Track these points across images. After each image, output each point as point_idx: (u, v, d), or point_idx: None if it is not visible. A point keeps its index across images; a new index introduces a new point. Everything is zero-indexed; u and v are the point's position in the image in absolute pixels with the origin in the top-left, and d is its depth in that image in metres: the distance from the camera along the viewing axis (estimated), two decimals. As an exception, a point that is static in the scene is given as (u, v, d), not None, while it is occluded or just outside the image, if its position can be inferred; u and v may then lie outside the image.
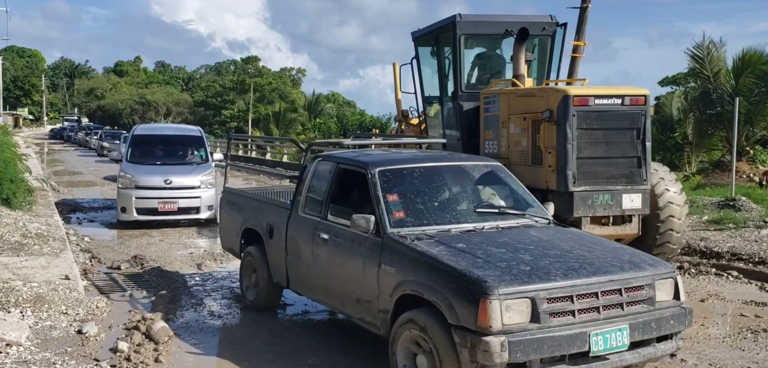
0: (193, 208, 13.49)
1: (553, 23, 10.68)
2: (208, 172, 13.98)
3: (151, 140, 15.42)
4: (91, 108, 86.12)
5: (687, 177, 21.79)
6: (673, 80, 52.66)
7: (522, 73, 9.94)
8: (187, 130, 16.99)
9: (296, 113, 63.44)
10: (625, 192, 8.67)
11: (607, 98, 8.71)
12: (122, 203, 13.29)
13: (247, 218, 7.80)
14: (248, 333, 6.89)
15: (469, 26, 10.48)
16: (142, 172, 13.61)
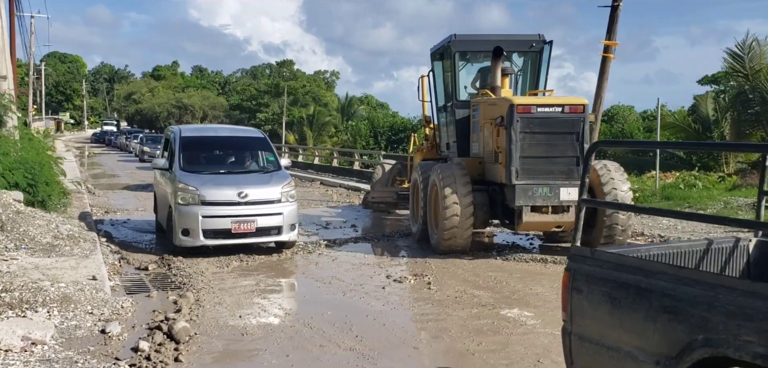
0: (274, 227, 10.77)
1: (541, 41, 12.36)
2: (287, 182, 11.31)
3: (205, 142, 12.64)
4: (130, 112, 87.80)
5: (722, 178, 21.31)
6: (712, 79, 51.45)
7: (497, 85, 11.70)
8: (246, 131, 14.50)
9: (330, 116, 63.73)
10: (563, 186, 10.42)
11: (548, 106, 10.62)
12: (184, 223, 10.44)
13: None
14: (267, 332, 6.94)
15: (463, 44, 12.41)
16: (206, 183, 10.80)
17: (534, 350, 6.51)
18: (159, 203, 12.77)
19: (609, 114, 51.91)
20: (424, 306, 8.15)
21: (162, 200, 12.21)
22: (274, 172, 11.81)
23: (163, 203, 12.08)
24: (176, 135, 12.06)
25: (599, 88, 18.07)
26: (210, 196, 10.63)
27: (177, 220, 10.59)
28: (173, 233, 10.74)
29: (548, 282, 9.50)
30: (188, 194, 10.64)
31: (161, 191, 12.34)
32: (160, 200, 12.63)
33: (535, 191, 10.46)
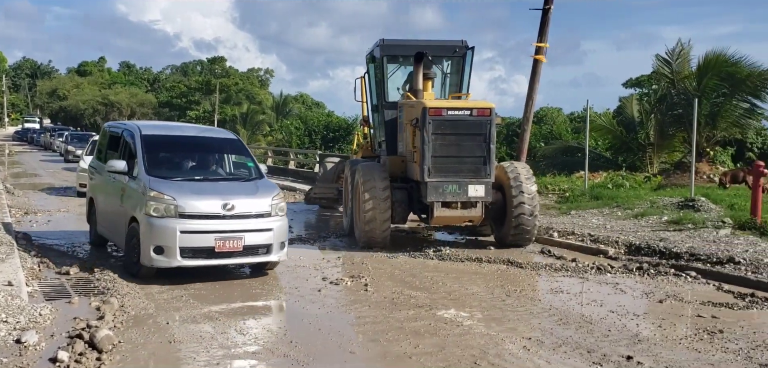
0: (263, 246, 9.18)
1: (464, 46, 13.08)
2: (276, 193, 9.68)
3: (173, 143, 10.63)
4: (54, 109, 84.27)
5: (647, 178, 22.02)
6: (637, 82, 53.35)
7: (419, 88, 12.32)
8: (217, 131, 12.58)
9: (264, 115, 62.88)
10: (470, 183, 11.29)
11: (458, 109, 11.43)
12: (157, 239, 8.70)
13: None
14: (197, 339, 6.66)
15: (390, 49, 13.10)
16: (184, 191, 9.06)
17: (470, 351, 6.47)
18: (103, 213, 10.85)
19: (539, 116, 53.10)
20: (360, 308, 8.02)
21: (111, 209, 10.35)
22: (257, 180, 10.08)
23: (113, 214, 10.19)
24: (135, 133, 10.08)
25: (531, 91, 18.39)
26: (190, 207, 8.83)
27: (146, 235, 8.76)
28: (138, 250, 8.91)
29: (483, 281, 9.53)
30: (162, 205, 8.81)
31: (109, 200, 10.47)
32: (105, 209, 10.75)
33: (446, 188, 11.27)
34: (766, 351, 6.62)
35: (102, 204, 10.93)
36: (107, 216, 10.62)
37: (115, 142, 11.05)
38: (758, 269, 9.76)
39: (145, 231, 8.82)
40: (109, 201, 10.48)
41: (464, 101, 12.12)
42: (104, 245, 11.34)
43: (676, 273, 10.01)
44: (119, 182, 9.95)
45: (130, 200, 9.41)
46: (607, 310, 8.05)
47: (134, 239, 9.08)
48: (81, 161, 19.79)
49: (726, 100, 23.14)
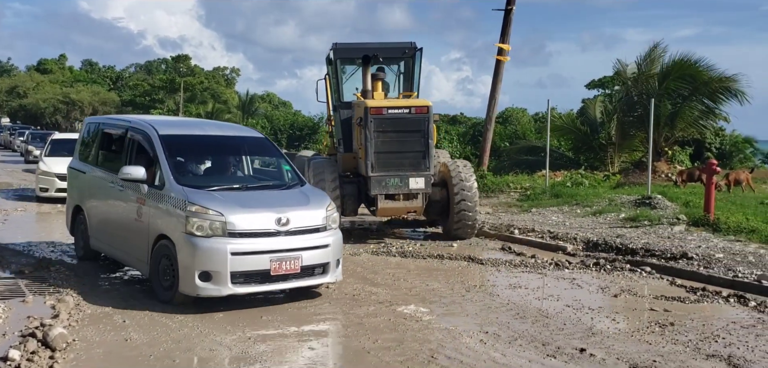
0: (320, 265, 7.99)
1: (413, 48, 13.72)
2: (329, 203, 8.45)
3: (199, 145, 9.10)
4: (13, 107, 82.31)
5: (607, 177, 22.44)
6: (599, 84, 54.28)
7: (368, 88, 12.86)
8: (240, 129, 10.61)
9: (230, 114, 62.33)
10: (411, 176, 12.01)
11: (398, 108, 12.17)
12: (203, 264, 7.33)
13: None
14: (153, 337, 6.61)
15: (343, 52, 13.69)
16: (230, 204, 7.67)
17: (428, 346, 6.54)
18: (102, 225, 9.32)
19: (504, 116, 53.67)
20: (321, 305, 8.04)
21: (118, 223, 8.80)
22: (301, 186, 8.73)
23: (122, 229, 8.66)
24: (150, 133, 8.49)
25: (493, 91, 18.61)
26: (241, 224, 7.50)
27: (188, 258, 7.36)
28: (172, 275, 7.63)
29: (444, 278, 9.62)
30: (207, 222, 7.41)
31: (114, 211, 8.96)
32: (106, 221, 9.20)
33: (388, 181, 12.00)
34: (714, 342, 6.82)
35: (99, 215, 9.42)
36: (111, 230, 9.07)
37: (113, 142, 9.52)
38: (710, 264, 10.03)
39: (186, 254, 7.39)
40: (114, 213, 8.94)
41: (403, 100, 12.85)
42: (96, 259, 9.96)
43: (632, 269, 10.24)
44: (132, 191, 8.37)
45: (156, 215, 7.91)
46: (564, 304, 8.20)
47: (165, 262, 7.73)
48: (41, 162, 18.50)
49: (685, 102, 23.70)
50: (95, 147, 9.94)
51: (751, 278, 9.21)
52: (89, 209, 9.75)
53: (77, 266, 9.72)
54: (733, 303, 8.43)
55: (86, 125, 10.80)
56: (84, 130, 10.74)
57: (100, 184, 9.44)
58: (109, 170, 9.14)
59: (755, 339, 6.93)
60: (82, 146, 10.49)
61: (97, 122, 10.46)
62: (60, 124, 71.55)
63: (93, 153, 9.96)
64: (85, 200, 9.89)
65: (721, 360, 6.28)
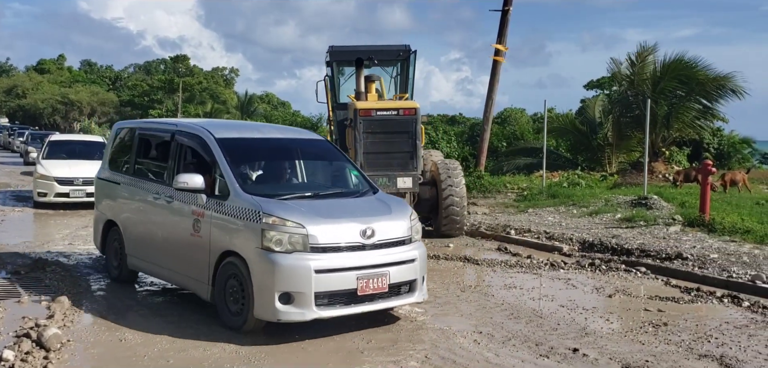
0: (406, 283, 7.12)
1: (407, 50, 14.01)
2: (411, 212, 7.55)
3: (258, 149, 8.18)
4: (12, 107, 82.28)
5: (604, 177, 22.48)
6: (598, 84, 54.36)
7: (361, 90, 12.91)
8: (299, 132, 9.73)
9: (229, 114, 62.37)
10: (399, 176, 12.22)
11: (386, 110, 12.40)
12: (284, 284, 6.44)
13: None
14: (148, 337, 6.63)
15: (339, 55, 14.03)
16: (311, 215, 6.77)
17: (422, 346, 6.57)
18: (146, 242, 8.25)
19: (502, 116, 53.74)
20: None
21: (168, 239, 7.80)
22: (378, 194, 7.87)
23: (174, 245, 7.65)
24: (206, 137, 7.60)
25: (490, 91, 18.63)
26: (324, 237, 6.64)
27: (266, 278, 6.47)
28: (243, 297, 6.71)
29: (440, 278, 9.64)
30: (285, 235, 6.53)
31: (161, 225, 7.95)
32: (152, 237, 8.14)
33: (377, 181, 11.83)
34: (706, 342, 6.84)
35: (140, 230, 8.36)
36: (156, 247, 8.01)
37: (154, 148, 8.61)
38: (704, 264, 10.06)
39: (262, 272, 6.50)
40: (161, 227, 7.93)
41: (392, 102, 13.12)
42: (132, 282, 8.86)
43: (627, 269, 10.27)
44: (184, 203, 7.45)
45: (220, 229, 6.97)
46: (558, 305, 8.23)
47: (233, 283, 6.82)
48: (38, 166, 17.12)
49: (681, 102, 23.74)
50: (131, 155, 8.82)
51: (745, 278, 9.24)
52: (126, 224, 8.63)
53: (73, 267, 9.74)
54: (726, 303, 8.46)
55: (115, 130, 9.74)
56: (113, 136, 9.70)
57: (139, 196, 8.37)
58: (152, 180, 8.18)
59: (748, 339, 6.96)
60: (113, 153, 9.39)
61: (132, 127, 9.36)
62: (58, 124, 71.52)
63: (128, 161, 8.84)
64: (121, 213, 8.77)
65: (714, 360, 6.30)
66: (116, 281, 8.88)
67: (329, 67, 14.17)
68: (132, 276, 8.84)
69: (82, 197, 16.16)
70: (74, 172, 16.59)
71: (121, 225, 8.73)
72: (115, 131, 9.77)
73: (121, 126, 9.85)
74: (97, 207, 9.51)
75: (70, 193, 16.32)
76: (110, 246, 9.07)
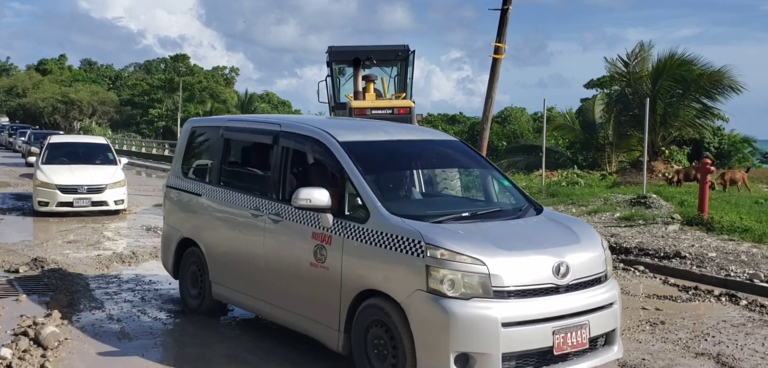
0: (603, 335, 5.46)
1: (405, 50, 14.12)
2: (601, 238, 5.85)
3: (392, 156, 6.50)
4: (12, 107, 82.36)
5: (604, 176, 22.50)
6: (598, 83, 54.37)
7: (359, 90, 12.98)
8: (430, 133, 7.68)
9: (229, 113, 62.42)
10: None
11: (380, 109, 12.42)
12: (463, 342, 4.84)
13: None
14: (146, 335, 6.64)
15: (338, 55, 14.09)
16: (488, 245, 5.11)
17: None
18: (240, 269, 6.64)
19: (503, 116, 53.78)
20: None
21: (276, 268, 6.16)
22: (546, 212, 6.14)
23: (286, 277, 6.04)
24: (326, 141, 5.99)
25: (490, 90, 18.62)
26: (510, 275, 4.97)
27: (435, 335, 4.89)
28: (395, 353, 5.13)
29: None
30: (458, 273, 4.87)
31: (263, 250, 6.28)
32: (249, 264, 6.48)
33: None
34: (703, 340, 6.85)
35: (231, 254, 6.77)
36: (257, 277, 6.38)
37: (249, 153, 7.16)
38: (702, 263, 10.07)
39: (428, 325, 4.90)
40: (264, 253, 6.27)
41: (387, 101, 13.24)
42: (220, 313, 7.42)
43: (625, 268, 10.27)
44: (300, 223, 5.87)
45: (357, 259, 5.37)
46: (556, 303, 8.22)
47: (378, 333, 5.25)
48: (38, 172, 15.36)
49: (679, 101, 23.75)
50: (215, 160, 7.27)
51: (742, 277, 9.25)
52: (210, 245, 7.04)
53: (71, 266, 9.74)
54: (724, 301, 8.46)
55: (190, 129, 7.96)
56: (186, 137, 7.94)
57: (230, 211, 6.80)
58: (248, 192, 6.60)
59: (745, 338, 6.97)
60: (187, 157, 7.80)
61: (214, 126, 7.70)
62: (59, 123, 71.56)
63: (212, 168, 7.31)
64: (202, 231, 7.17)
65: (710, 358, 6.31)
66: (196, 312, 7.33)
67: (329, 68, 14.27)
68: (219, 308, 7.34)
69: (87, 206, 14.88)
70: (78, 179, 15.08)
71: (204, 246, 7.11)
72: (188, 130, 7.96)
73: (197, 124, 8.11)
74: (167, 221, 7.91)
75: (74, 202, 14.80)
76: (186, 270, 7.48)
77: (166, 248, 7.82)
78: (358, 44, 15.09)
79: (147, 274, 9.40)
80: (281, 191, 6.24)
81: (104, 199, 15.07)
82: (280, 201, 6.17)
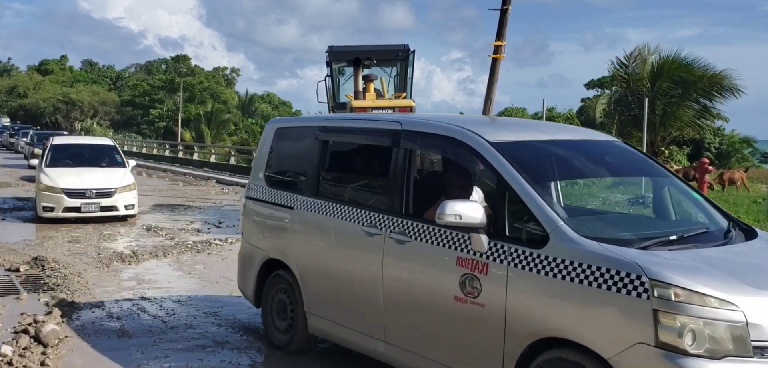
0: None
1: (405, 50, 14.23)
2: None
3: (559, 158, 5.06)
4: (13, 107, 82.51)
5: (603, 176, 22.48)
6: (598, 83, 54.40)
7: (359, 89, 12.97)
8: (588, 133, 6.25)
9: (229, 114, 62.46)
10: None
11: (380, 108, 12.17)
12: None
13: None
14: (146, 333, 6.68)
15: (338, 55, 14.15)
16: (732, 278, 3.77)
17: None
18: (351, 309, 5.42)
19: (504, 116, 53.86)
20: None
21: (409, 308, 4.91)
22: (763, 235, 4.86)
23: (417, 319, 4.86)
24: (467, 140, 4.80)
25: (489, 90, 18.63)
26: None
27: None
28: None
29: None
30: (702, 322, 3.56)
31: (402, 284, 4.97)
32: (369, 305, 5.21)
33: None
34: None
35: (335, 282, 5.54)
36: (376, 312, 5.11)
37: (360, 157, 6.04)
38: (700, 262, 10.09)
39: None
40: (390, 281, 4.99)
41: (388, 101, 13.23)
42: (313, 349, 6.18)
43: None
44: (440, 246, 4.65)
45: (529, 296, 4.15)
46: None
47: None
48: (42, 175, 14.49)
49: (679, 101, 23.77)
50: (312, 167, 6.00)
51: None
52: (307, 269, 5.84)
53: (71, 265, 9.78)
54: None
55: (274, 131, 6.68)
56: (269, 140, 6.66)
57: (334, 228, 5.56)
58: (358, 206, 5.40)
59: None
60: (272, 164, 6.57)
61: (307, 127, 6.48)
62: (60, 124, 71.66)
63: (306, 175, 6.07)
64: (295, 252, 5.96)
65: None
66: (284, 350, 6.13)
67: (329, 68, 14.32)
68: (313, 342, 6.14)
69: (96, 211, 13.98)
70: (86, 182, 14.16)
71: (298, 269, 5.90)
72: (272, 132, 6.68)
73: (283, 125, 6.85)
74: (247, 239, 6.70)
75: (82, 207, 13.88)
76: (271, 298, 6.31)
77: (246, 271, 6.62)
78: (358, 44, 15.27)
79: (147, 273, 9.45)
80: (406, 205, 5.00)
81: (114, 204, 14.13)
82: (405, 217, 4.94)
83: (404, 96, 13.84)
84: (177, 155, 41.64)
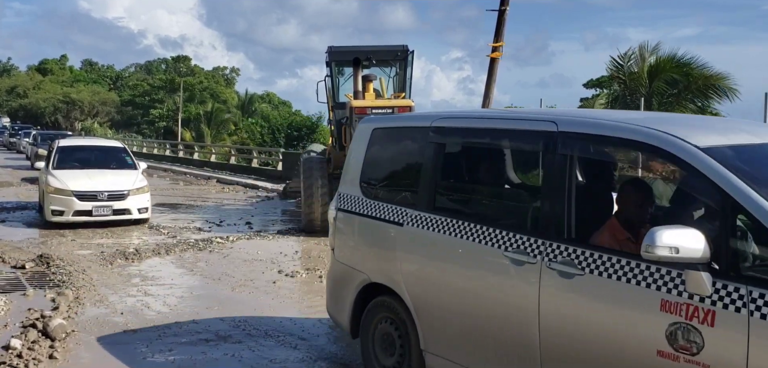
0: None
1: (405, 50, 14.32)
2: None
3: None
4: (13, 107, 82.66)
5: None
6: (597, 83, 54.52)
7: (358, 89, 13.04)
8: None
9: (229, 113, 62.59)
10: None
11: (381, 108, 12.28)
12: None
13: None
14: (151, 329, 6.84)
15: (337, 55, 14.27)
16: None
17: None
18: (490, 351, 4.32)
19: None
20: (313, 298, 8.25)
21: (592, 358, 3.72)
22: None
23: None
24: (673, 146, 3.58)
25: (488, 89, 18.80)
26: None
27: None
28: None
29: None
30: None
31: (575, 328, 3.79)
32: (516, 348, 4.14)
33: None
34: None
35: (475, 317, 4.38)
36: (531, 361, 4.04)
37: (495, 165, 5.18)
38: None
39: None
40: (550, 324, 3.91)
41: (387, 101, 13.27)
42: None
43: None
44: (639, 284, 3.49)
45: None
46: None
47: None
48: (49, 177, 13.85)
49: (675, 101, 23.91)
50: (425, 175, 4.91)
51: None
52: (423, 299, 4.76)
53: (76, 262, 9.94)
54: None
55: (371, 132, 5.56)
56: (364, 141, 5.56)
57: (467, 251, 4.45)
58: (497, 226, 4.31)
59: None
60: (370, 170, 5.51)
61: (416, 127, 5.34)
62: (60, 124, 71.80)
63: (420, 186, 4.93)
64: (408, 277, 4.87)
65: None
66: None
67: (329, 68, 14.44)
68: None
69: (108, 215, 13.31)
70: (97, 184, 13.53)
71: (411, 299, 4.81)
72: (368, 132, 5.57)
73: (382, 124, 5.75)
74: (339, 258, 5.63)
75: (93, 210, 13.23)
76: (373, 328, 5.23)
77: (339, 295, 5.57)
78: (358, 44, 15.33)
79: (150, 270, 9.60)
80: (568, 227, 3.94)
81: (127, 207, 13.44)
82: (569, 242, 3.87)
83: (403, 96, 13.96)
84: (177, 155, 41.84)
